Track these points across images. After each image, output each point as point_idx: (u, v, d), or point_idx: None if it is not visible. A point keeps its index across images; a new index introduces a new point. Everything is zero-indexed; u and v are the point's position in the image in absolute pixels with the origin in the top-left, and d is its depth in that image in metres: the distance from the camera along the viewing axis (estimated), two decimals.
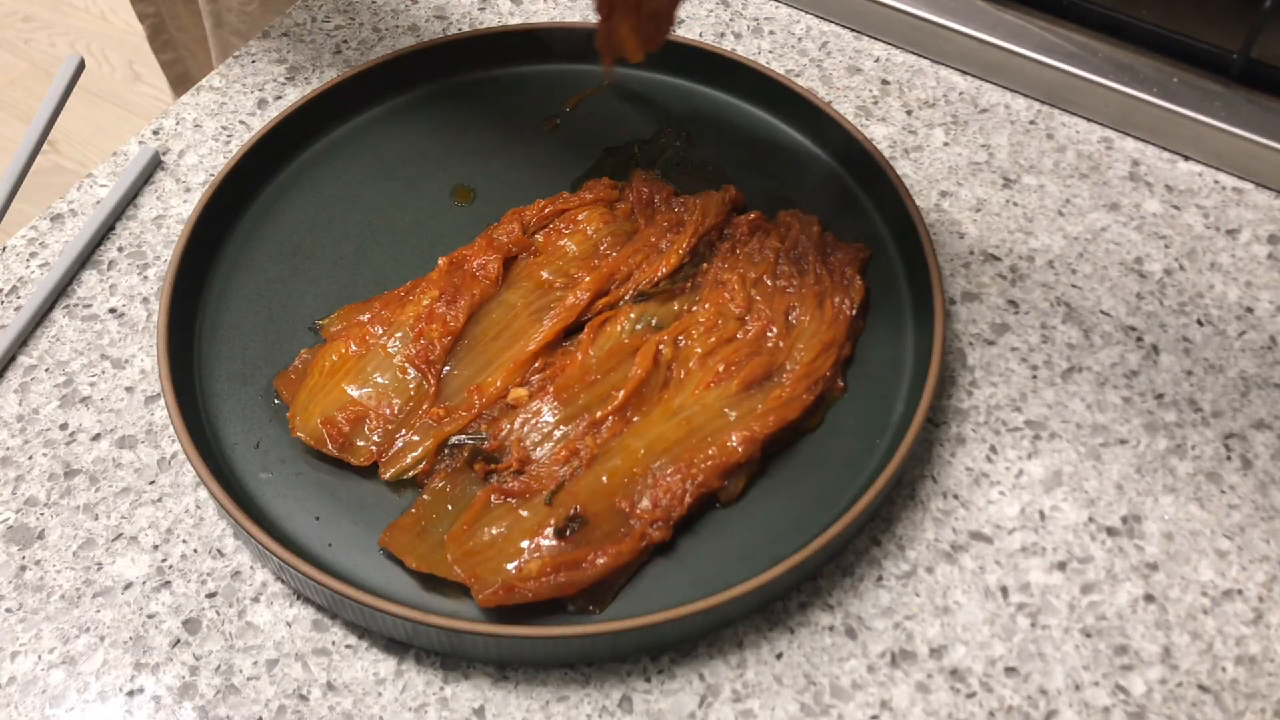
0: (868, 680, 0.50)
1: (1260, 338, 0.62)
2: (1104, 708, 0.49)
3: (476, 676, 0.50)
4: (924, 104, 0.73)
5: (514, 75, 0.73)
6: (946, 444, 0.58)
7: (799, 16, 0.79)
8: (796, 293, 0.60)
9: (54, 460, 0.57)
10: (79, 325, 0.62)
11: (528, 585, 0.50)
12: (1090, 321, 0.63)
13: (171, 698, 0.50)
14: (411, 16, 0.79)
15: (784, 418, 0.55)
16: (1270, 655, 0.51)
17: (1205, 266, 0.65)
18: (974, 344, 0.62)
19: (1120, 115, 0.71)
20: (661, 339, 0.58)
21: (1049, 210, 0.68)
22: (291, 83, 0.74)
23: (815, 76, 0.75)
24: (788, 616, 0.52)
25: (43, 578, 0.53)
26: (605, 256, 0.62)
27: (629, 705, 0.49)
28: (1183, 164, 0.70)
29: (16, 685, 0.50)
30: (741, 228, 0.63)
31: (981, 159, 0.70)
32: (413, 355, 0.57)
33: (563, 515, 0.52)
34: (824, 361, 0.57)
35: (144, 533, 0.54)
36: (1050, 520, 0.55)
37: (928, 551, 0.54)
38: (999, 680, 0.50)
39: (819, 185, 0.67)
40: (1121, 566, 0.54)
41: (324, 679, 0.50)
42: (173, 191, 0.68)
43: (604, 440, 0.54)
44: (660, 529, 0.52)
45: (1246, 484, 0.56)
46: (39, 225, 0.67)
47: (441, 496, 0.53)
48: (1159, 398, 0.60)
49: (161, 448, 0.57)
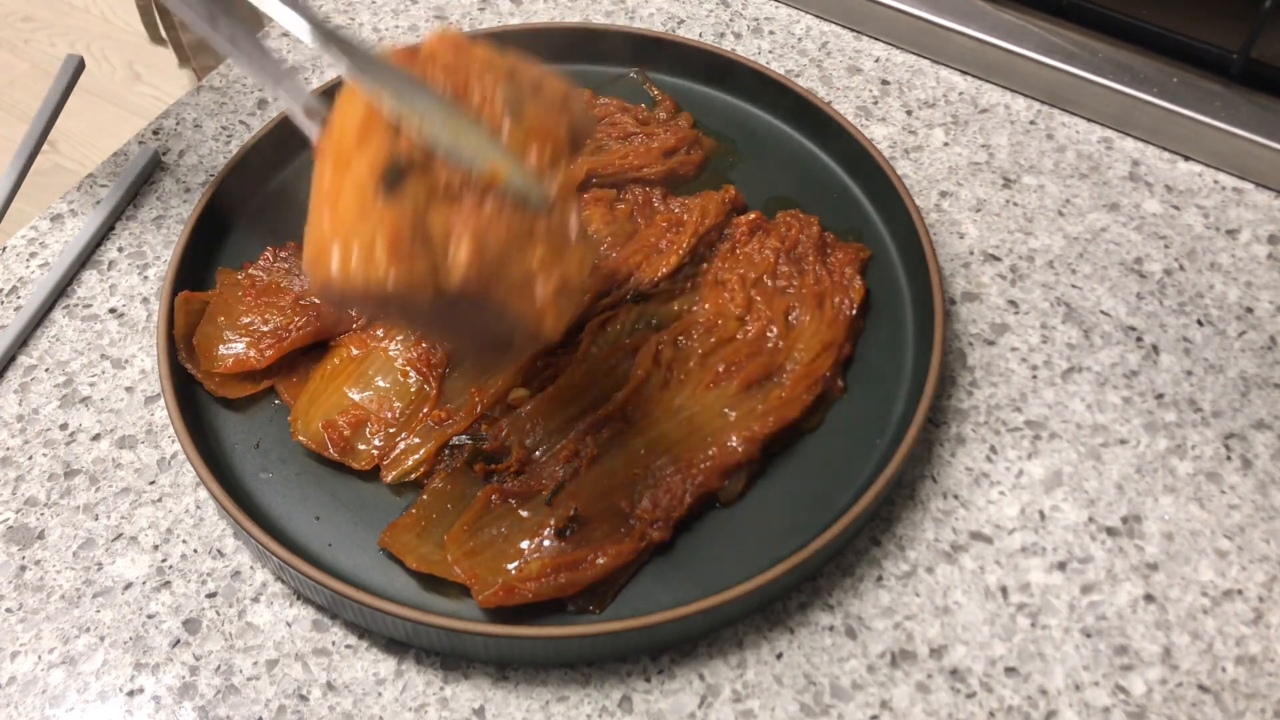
0: (868, 680, 0.50)
1: (1260, 338, 0.62)
2: (1104, 708, 0.49)
3: (476, 676, 0.50)
4: (924, 104, 0.73)
5: None
6: (946, 444, 0.58)
7: (799, 16, 0.79)
8: (796, 293, 0.60)
9: (54, 460, 0.57)
10: (79, 325, 0.62)
11: (528, 586, 0.50)
12: (1090, 321, 0.63)
13: (171, 698, 0.50)
14: (411, 16, 0.79)
15: (784, 418, 0.55)
16: (1270, 655, 0.51)
17: (1205, 266, 0.65)
18: (974, 344, 0.62)
19: (1120, 115, 0.71)
20: (661, 339, 0.58)
21: (1049, 210, 0.68)
22: None
23: (815, 76, 0.75)
24: (788, 616, 0.52)
25: (43, 578, 0.53)
26: (605, 256, 0.62)
27: (629, 705, 0.49)
28: (1183, 164, 0.70)
29: (16, 685, 0.50)
30: (741, 228, 0.63)
31: (981, 159, 0.70)
32: (414, 359, 0.57)
33: (563, 515, 0.52)
34: (824, 361, 0.57)
35: (144, 533, 0.54)
36: (1050, 520, 0.55)
37: (928, 551, 0.54)
38: (999, 680, 0.50)
39: (819, 185, 0.67)
40: (1121, 566, 0.54)
41: (324, 679, 0.50)
42: (173, 191, 0.68)
43: (604, 440, 0.54)
44: (660, 529, 0.52)
45: (1246, 484, 0.56)
46: (39, 225, 0.67)
47: (441, 497, 0.53)
48: (1159, 398, 0.60)
49: (161, 448, 0.57)
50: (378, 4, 0.80)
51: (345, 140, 0.42)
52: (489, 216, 0.42)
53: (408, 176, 0.42)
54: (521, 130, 0.45)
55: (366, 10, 0.79)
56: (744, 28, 0.78)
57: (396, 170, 0.42)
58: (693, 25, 0.78)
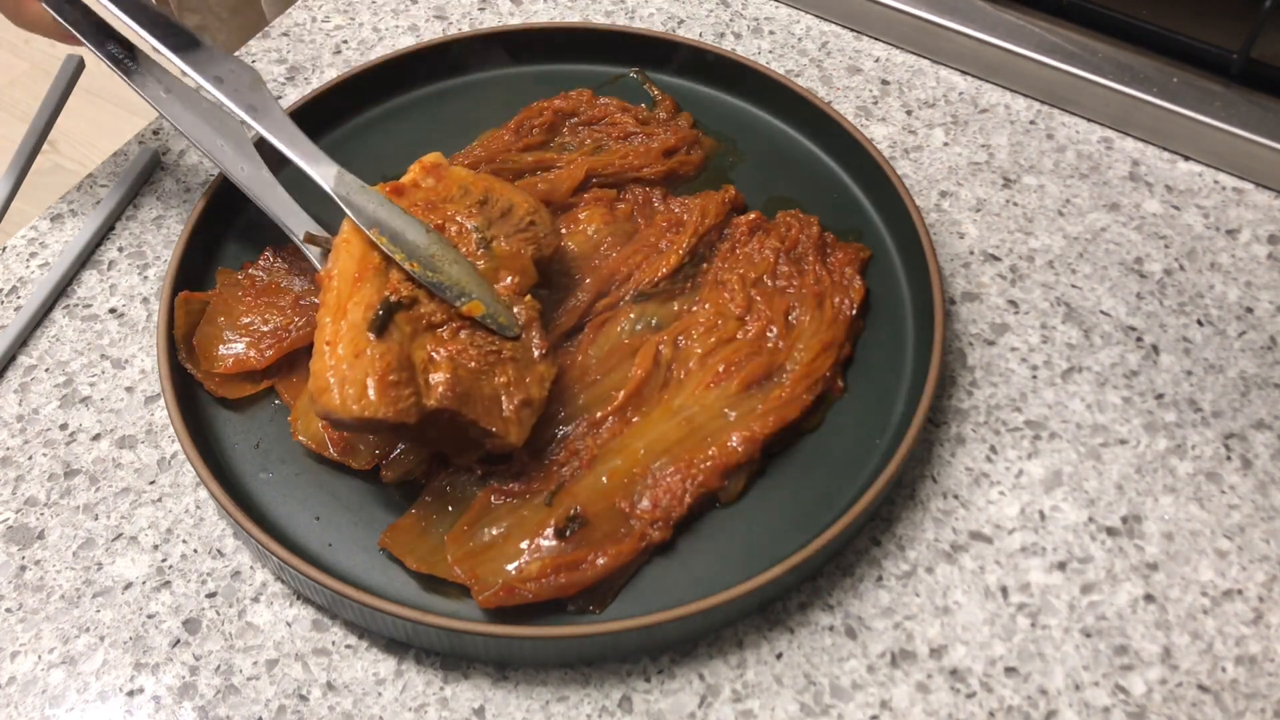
0: (868, 680, 0.50)
1: (1260, 338, 0.62)
2: (1104, 708, 0.49)
3: (476, 676, 0.50)
4: (924, 104, 0.73)
5: (514, 75, 0.73)
6: (946, 444, 0.58)
7: (799, 16, 0.79)
8: (796, 293, 0.60)
9: (54, 460, 0.57)
10: (79, 325, 0.62)
11: (528, 586, 0.50)
12: (1090, 321, 0.63)
13: (171, 698, 0.50)
14: (411, 16, 0.79)
15: (784, 418, 0.55)
16: (1270, 655, 0.51)
17: (1205, 266, 0.65)
18: (974, 344, 0.62)
19: (1120, 115, 0.71)
20: (661, 339, 0.58)
21: (1049, 210, 0.68)
22: (291, 83, 0.74)
23: (815, 76, 0.75)
24: (788, 616, 0.52)
25: (43, 578, 0.53)
26: (605, 256, 0.62)
27: (629, 705, 0.49)
28: (1183, 164, 0.70)
29: (16, 685, 0.50)
30: (741, 228, 0.63)
31: (981, 159, 0.70)
32: None
33: (563, 515, 0.52)
34: (824, 361, 0.57)
35: (144, 533, 0.54)
36: (1050, 520, 0.55)
37: (928, 551, 0.54)
38: (999, 680, 0.50)
39: (819, 185, 0.67)
40: (1121, 566, 0.54)
41: (324, 679, 0.50)
42: (173, 191, 0.68)
43: (604, 440, 0.54)
44: (660, 529, 0.52)
45: (1246, 484, 0.56)
46: (39, 225, 0.67)
47: (442, 497, 0.53)
48: (1159, 398, 0.60)
49: (161, 448, 0.57)
50: (378, 4, 0.80)
51: (343, 289, 0.51)
52: (463, 345, 0.52)
53: (395, 315, 0.51)
54: (494, 262, 0.55)
55: (367, 10, 0.79)
56: (744, 28, 0.78)
57: (386, 312, 0.51)
58: (693, 25, 0.78)
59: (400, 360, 0.49)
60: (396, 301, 0.51)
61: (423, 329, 0.51)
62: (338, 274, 0.52)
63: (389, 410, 0.48)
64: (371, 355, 0.49)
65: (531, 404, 0.52)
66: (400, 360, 0.49)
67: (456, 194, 0.57)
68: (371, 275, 0.52)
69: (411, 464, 0.54)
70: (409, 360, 0.50)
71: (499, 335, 0.53)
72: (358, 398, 0.48)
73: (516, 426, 0.51)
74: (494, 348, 0.52)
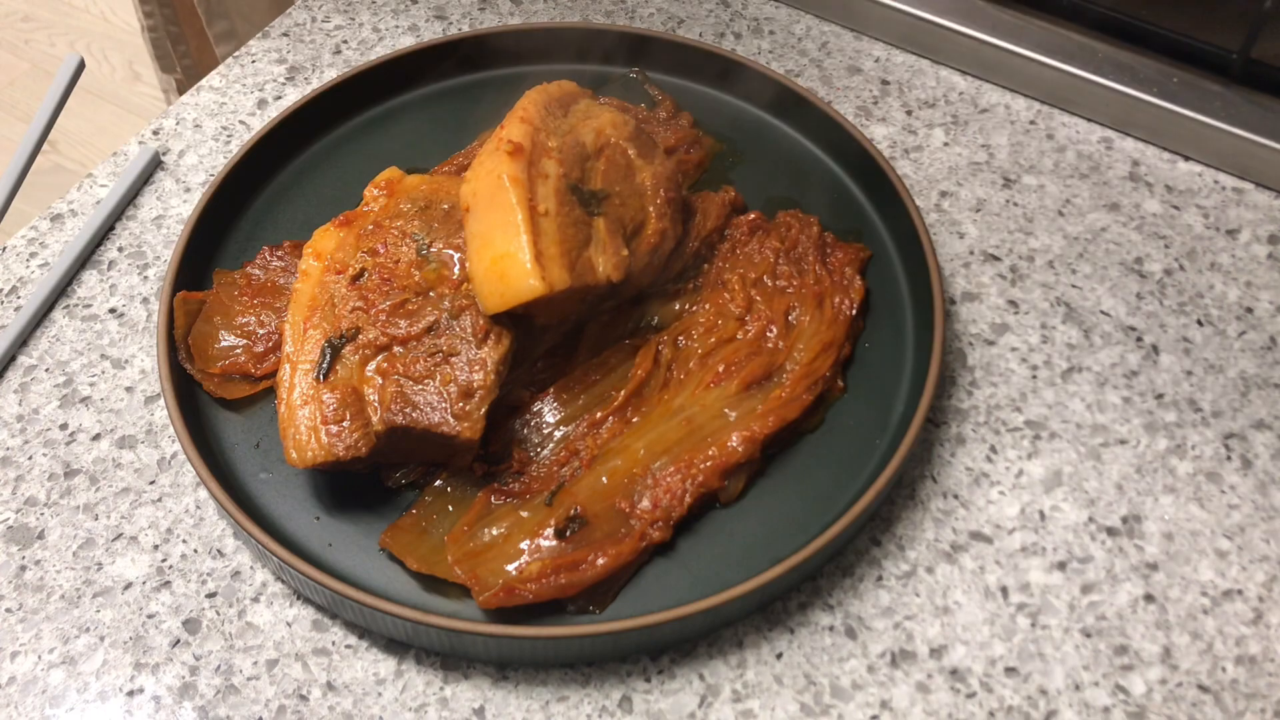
0: (868, 680, 0.50)
1: (1260, 338, 0.62)
2: (1104, 708, 0.49)
3: (476, 676, 0.50)
4: (924, 104, 0.73)
5: (514, 75, 0.73)
6: (946, 444, 0.58)
7: (799, 16, 0.79)
8: (796, 293, 0.60)
9: (54, 460, 0.57)
10: (79, 325, 0.62)
11: (528, 586, 0.50)
12: (1090, 321, 0.63)
13: (171, 698, 0.50)
14: (411, 16, 0.79)
15: (784, 418, 0.55)
16: (1270, 655, 0.51)
17: (1205, 266, 0.65)
18: (974, 344, 0.62)
19: (1120, 115, 0.71)
20: (661, 339, 0.58)
21: (1049, 210, 0.68)
22: (291, 83, 0.74)
23: (815, 76, 0.75)
24: (788, 616, 0.52)
25: (43, 578, 0.53)
26: None
27: (629, 705, 0.49)
28: (1183, 164, 0.70)
29: (16, 685, 0.50)
30: (741, 228, 0.63)
31: (981, 159, 0.70)
32: None
33: (563, 516, 0.52)
34: (824, 361, 0.57)
35: (144, 533, 0.54)
36: (1050, 520, 0.55)
37: (928, 551, 0.54)
38: (999, 680, 0.50)
39: (819, 185, 0.67)
40: (1121, 566, 0.54)
41: (324, 679, 0.50)
42: (173, 191, 0.68)
43: (604, 440, 0.54)
44: (660, 529, 0.52)
45: (1246, 484, 0.56)
46: (39, 225, 0.67)
47: (442, 497, 0.53)
48: (1159, 398, 0.60)
49: (161, 448, 0.57)
50: (378, 4, 0.80)
51: (295, 335, 0.53)
52: (405, 358, 0.53)
53: (342, 350, 0.53)
54: (435, 270, 0.55)
55: (366, 10, 0.79)
56: (744, 28, 0.78)
57: (332, 352, 0.53)
58: (693, 25, 0.78)
59: (346, 396, 0.51)
60: (340, 337, 0.53)
61: (372, 354, 0.53)
62: (289, 322, 0.54)
63: (340, 450, 0.50)
64: (316, 398, 0.51)
65: (473, 393, 0.52)
66: (346, 396, 0.51)
67: (405, 207, 0.58)
68: (318, 320, 0.54)
69: (412, 467, 0.54)
70: (357, 393, 0.52)
71: (440, 329, 0.53)
72: (308, 446, 0.50)
73: (466, 422, 0.51)
74: (437, 350, 0.53)
